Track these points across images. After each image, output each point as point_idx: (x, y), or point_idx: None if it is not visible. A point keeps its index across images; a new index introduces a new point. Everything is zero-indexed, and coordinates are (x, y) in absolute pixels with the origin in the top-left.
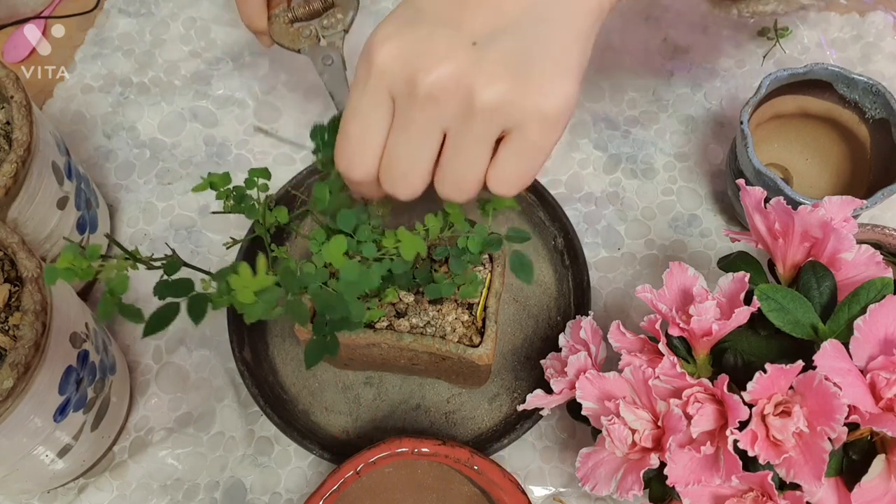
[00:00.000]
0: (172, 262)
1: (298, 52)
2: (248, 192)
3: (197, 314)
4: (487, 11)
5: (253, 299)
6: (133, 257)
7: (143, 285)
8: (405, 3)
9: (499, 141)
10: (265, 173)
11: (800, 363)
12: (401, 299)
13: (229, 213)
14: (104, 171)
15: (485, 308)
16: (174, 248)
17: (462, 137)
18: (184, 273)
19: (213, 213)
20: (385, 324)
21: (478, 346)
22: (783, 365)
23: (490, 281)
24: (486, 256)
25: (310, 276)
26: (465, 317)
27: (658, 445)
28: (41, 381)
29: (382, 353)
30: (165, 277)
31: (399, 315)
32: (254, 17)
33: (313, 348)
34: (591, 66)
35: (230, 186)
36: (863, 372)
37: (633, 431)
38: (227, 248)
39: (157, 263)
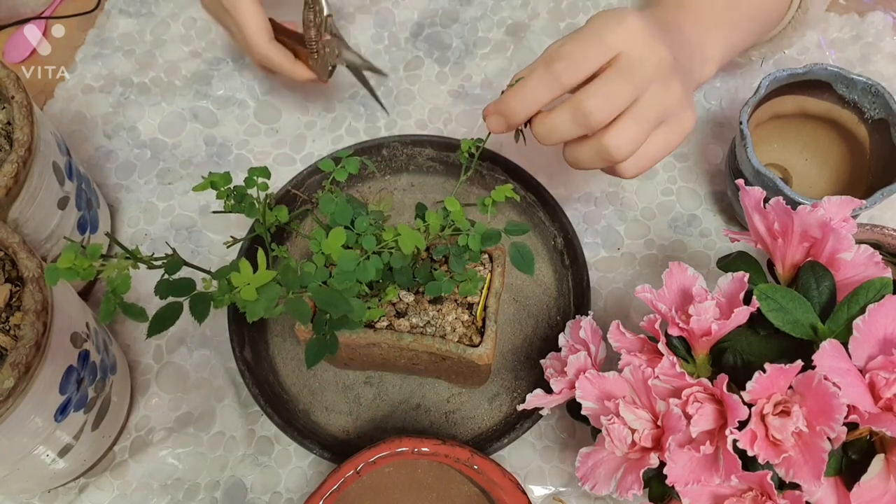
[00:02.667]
0: (174, 262)
1: (333, 68)
2: (249, 191)
3: (199, 313)
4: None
5: (255, 296)
6: (134, 257)
7: (143, 285)
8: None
9: None
10: (265, 172)
11: (799, 363)
12: (401, 299)
13: (230, 212)
14: (105, 172)
15: (485, 308)
16: (175, 248)
17: (652, 102)
18: (185, 273)
19: (214, 212)
20: (385, 323)
21: (478, 345)
22: (782, 365)
23: (490, 281)
24: (486, 256)
25: (310, 275)
26: (465, 317)
27: (657, 445)
28: (42, 380)
29: (382, 353)
30: (167, 277)
31: (399, 315)
32: (305, 73)
33: (314, 347)
34: None
35: (231, 186)
36: (862, 372)
37: (633, 431)
38: (228, 247)
39: (158, 263)
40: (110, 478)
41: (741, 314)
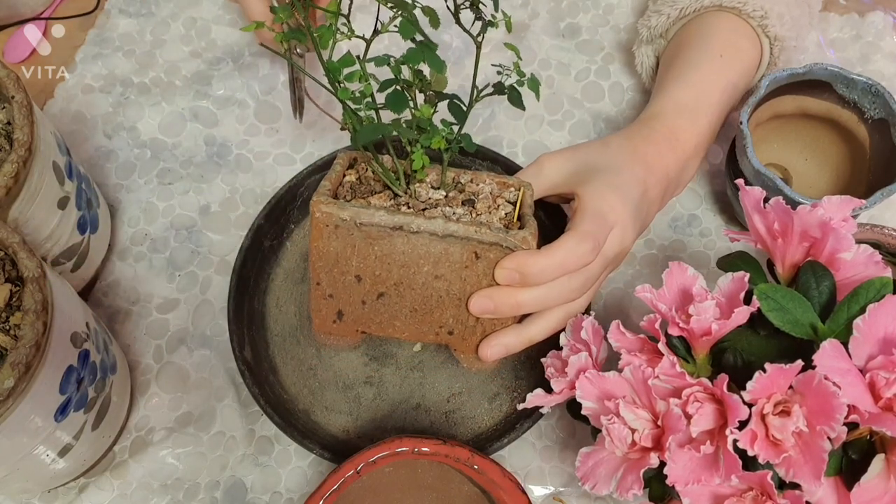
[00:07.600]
0: (406, 25)
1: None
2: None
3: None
4: None
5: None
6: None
7: (143, 285)
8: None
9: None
10: None
11: (799, 363)
12: (430, 196)
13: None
14: (105, 171)
15: (519, 215)
16: (174, 247)
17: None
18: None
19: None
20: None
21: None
22: (783, 364)
23: (521, 198)
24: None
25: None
26: (502, 213)
27: (658, 445)
28: (42, 380)
29: (402, 262)
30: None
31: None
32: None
33: (367, 131)
34: (590, 68)
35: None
36: (862, 371)
37: (633, 431)
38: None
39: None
40: (110, 478)
41: (741, 314)
